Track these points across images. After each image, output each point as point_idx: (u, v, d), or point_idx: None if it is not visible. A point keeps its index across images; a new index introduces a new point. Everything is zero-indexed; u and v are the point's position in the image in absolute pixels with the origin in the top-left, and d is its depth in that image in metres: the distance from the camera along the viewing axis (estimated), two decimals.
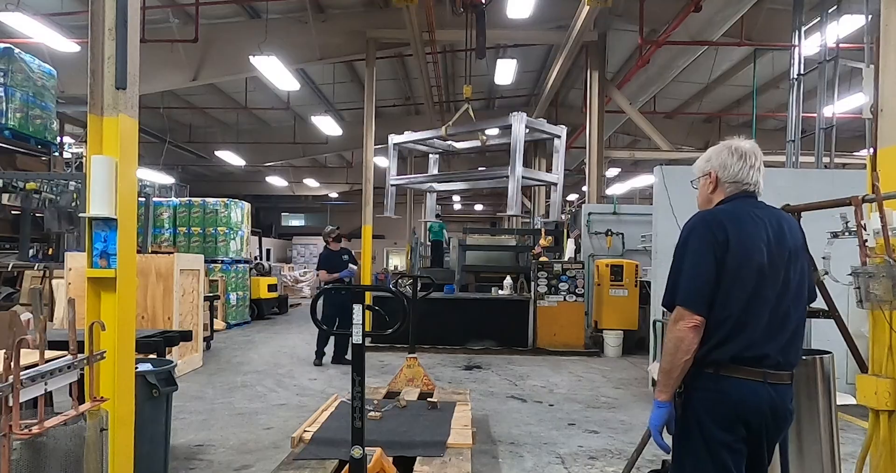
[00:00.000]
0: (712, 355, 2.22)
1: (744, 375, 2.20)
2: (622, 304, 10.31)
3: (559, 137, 9.03)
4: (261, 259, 18.17)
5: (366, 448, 2.85)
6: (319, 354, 8.83)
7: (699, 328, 2.20)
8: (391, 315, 4.03)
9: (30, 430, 2.34)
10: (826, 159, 9.60)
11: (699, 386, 2.25)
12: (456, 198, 36.28)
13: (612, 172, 21.49)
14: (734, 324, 2.21)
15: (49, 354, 2.76)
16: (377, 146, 13.27)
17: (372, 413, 4.73)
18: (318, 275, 9.64)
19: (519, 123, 8.23)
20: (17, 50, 8.60)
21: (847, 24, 9.41)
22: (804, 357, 3.30)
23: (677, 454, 2.35)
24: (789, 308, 2.28)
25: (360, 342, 2.74)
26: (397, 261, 32.71)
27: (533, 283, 10.59)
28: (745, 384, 2.20)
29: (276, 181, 27.28)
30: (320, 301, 6.35)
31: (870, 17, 8.42)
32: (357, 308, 2.70)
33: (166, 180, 21.21)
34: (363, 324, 2.73)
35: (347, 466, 2.93)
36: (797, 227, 2.44)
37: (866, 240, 3.18)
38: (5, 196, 9.41)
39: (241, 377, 7.91)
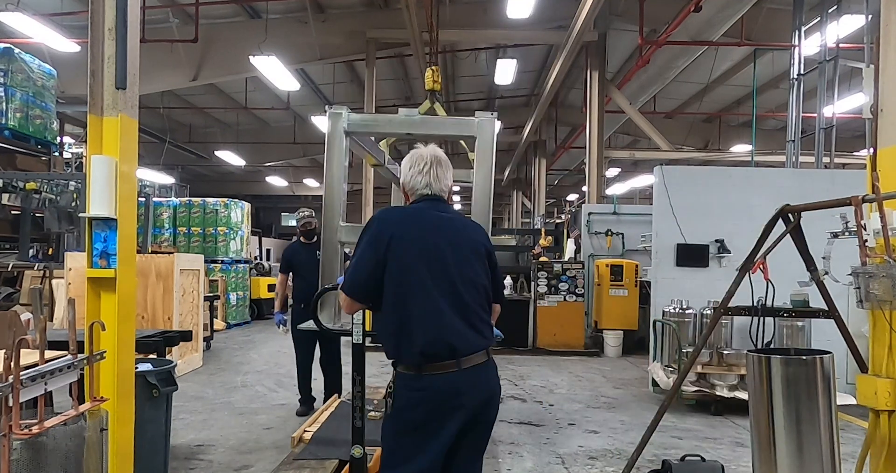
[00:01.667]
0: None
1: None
2: (622, 304, 10.31)
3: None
4: (261, 259, 18.17)
5: (366, 448, 2.85)
6: (306, 397, 6.25)
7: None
8: None
9: (30, 430, 2.34)
10: (826, 159, 9.60)
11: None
12: (456, 198, 36.30)
13: (612, 172, 21.48)
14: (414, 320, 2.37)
15: (49, 354, 2.75)
16: None
17: (372, 413, 4.72)
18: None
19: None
20: (17, 50, 8.59)
21: (847, 24, 9.41)
22: (804, 357, 3.32)
23: None
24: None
25: (361, 342, 2.74)
26: None
27: (533, 283, 10.59)
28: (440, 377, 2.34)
29: (276, 181, 27.28)
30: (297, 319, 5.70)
31: (870, 17, 8.43)
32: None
33: (166, 180, 21.21)
34: (363, 324, 2.73)
35: (348, 466, 2.93)
36: (482, 232, 2.67)
37: (866, 240, 3.17)
38: (5, 196, 9.40)
39: (241, 377, 7.91)
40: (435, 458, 2.33)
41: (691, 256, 7.31)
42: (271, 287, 15.18)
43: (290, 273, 6.34)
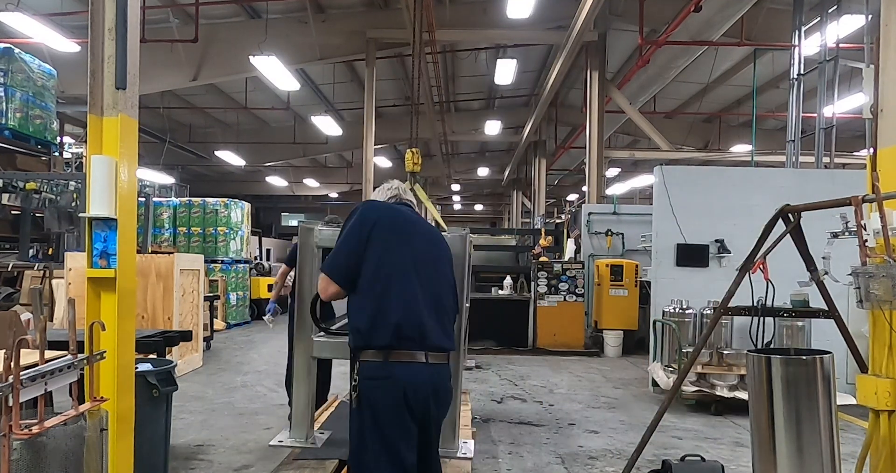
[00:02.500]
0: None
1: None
2: (622, 304, 10.31)
3: None
4: (261, 259, 18.15)
5: None
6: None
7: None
8: None
9: (30, 430, 2.34)
10: (826, 159, 9.61)
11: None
12: (456, 198, 36.30)
13: (612, 172, 21.49)
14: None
15: (49, 354, 2.75)
16: (377, 146, 13.28)
17: None
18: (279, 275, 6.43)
19: None
20: (17, 50, 8.59)
21: (847, 24, 9.41)
22: (804, 357, 3.32)
23: None
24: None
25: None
26: None
27: (533, 283, 10.59)
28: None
29: (276, 181, 27.27)
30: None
31: (870, 17, 8.43)
32: None
33: (166, 180, 21.19)
34: None
35: (347, 466, 2.93)
36: (447, 245, 2.80)
37: (866, 240, 3.17)
38: (5, 196, 9.40)
39: (241, 377, 7.91)
40: (408, 454, 2.37)
41: (691, 256, 7.31)
42: (271, 287, 15.13)
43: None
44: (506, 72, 13.29)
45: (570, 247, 12.42)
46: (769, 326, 3.99)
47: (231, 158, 21.32)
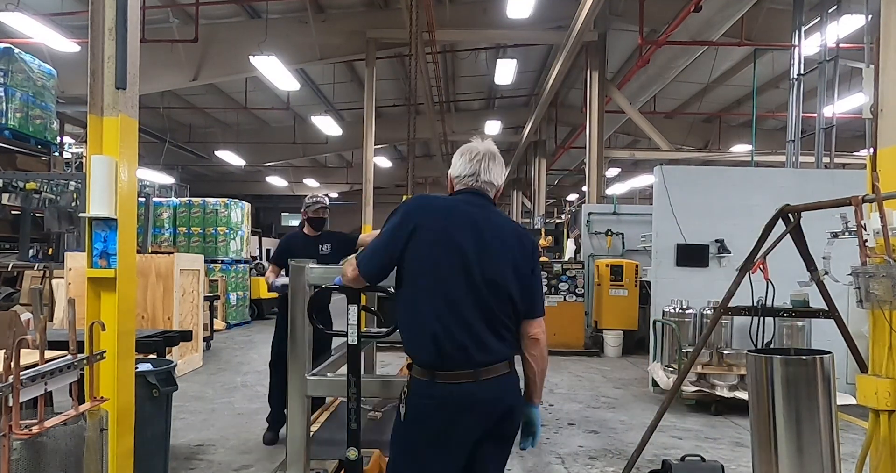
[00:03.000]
0: None
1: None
2: (622, 304, 10.31)
3: None
4: (261, 259, 18.15)
5: (364, 450, 2.83)
6: (276, 420, 5.16)
7: None
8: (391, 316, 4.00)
9: (30, 430, 2.34)
10: (826, 159, 9.60)
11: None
12: None
13: (612, 172, 21.49)
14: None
15: (49, 354, 2.75)
16: (377, 146, 13.27)
17: (372, 413, 4.73)
18: (266, 276, 5.74)
19: None
20: (17, 50, 8.59)
21: (847, 24, 9.41)
22: (804, 357, 3.32)
23: None
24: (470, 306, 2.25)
25: (356, 342, 2.73)
26: None
27: None
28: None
29: (276, 181, 27.28)
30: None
31: (870, 17, 8.42)
32: (352, 309, 2.69)
33: (166, 180, 21.19)
34: (358, 324, 2.72)
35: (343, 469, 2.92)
36: (527, 240, 2.41)
37: (866, 240, 3.17)
38: (5, 196, 9.40)
39: (241, 377, 7.91)
40: None
41: (691, 256, 7.31)
42: None
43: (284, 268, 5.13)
44: (506, 72, 13.29)
45: (570, 247, 12.43)
46: (769, 326, 3.99)
47: (231, 158, 21.32)
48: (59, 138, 11.20)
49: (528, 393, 2.43)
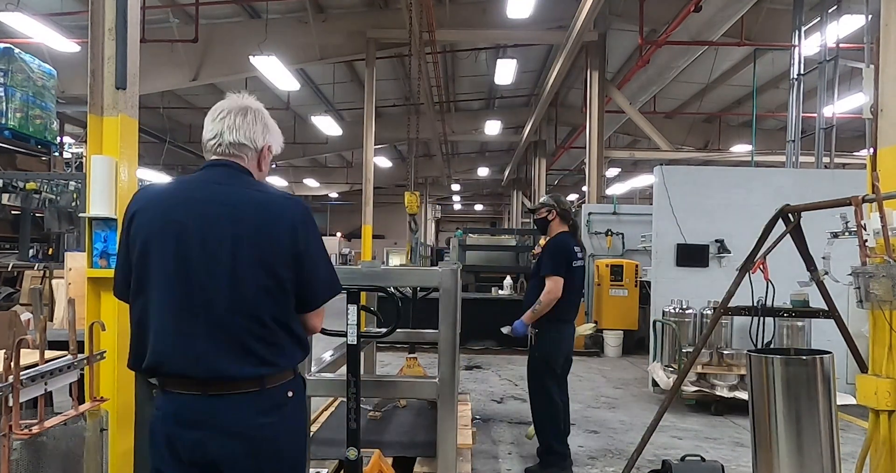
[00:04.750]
0: None
1: None
2: (622, 304, 10.31)
3: None
4: None
5: (364, 450, 2.84)
6: None
7: None
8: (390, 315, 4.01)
9: (30, 430, 2.34)
10: (826, 159, 9.60)
11: None
12: (456, 198, 36.30)
13: (612, 172, 21.49)
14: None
15: (49, 354, 2.75)
16: (377, 146, 13.27)
17: (372, 413, 4.73)
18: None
19: None
20: (17, 50, 8.57)
21: (847, 24, 9.41)
22: (804, 357, 3.31)
23: None
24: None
25: (356, 342, 2.73)
26: (397, 261, 32.70)
27: None
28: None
29: (276, 181, 27.27)
30: None
31: (870, 17, 8.43)
32: (352, 309, 2.70)
33: (166, 180, 21.17)
34: (358, 325, 2.72)
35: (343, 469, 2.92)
36: (287, 218, 1.91)
37: (866, 240, 3.17)
38: (5, 196, 9.38)
39: None
40: None
41: (691, 256, 7.31)
42: None
43: None
44: (506, 72, 13.29)
45: None
46: (769, 326, 3.99)
47: None
48: (59, 138, 11.19)
49: None
